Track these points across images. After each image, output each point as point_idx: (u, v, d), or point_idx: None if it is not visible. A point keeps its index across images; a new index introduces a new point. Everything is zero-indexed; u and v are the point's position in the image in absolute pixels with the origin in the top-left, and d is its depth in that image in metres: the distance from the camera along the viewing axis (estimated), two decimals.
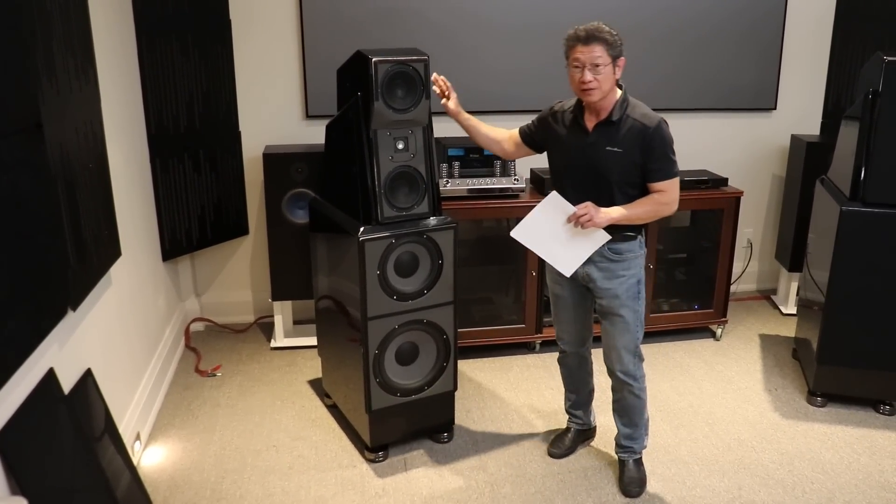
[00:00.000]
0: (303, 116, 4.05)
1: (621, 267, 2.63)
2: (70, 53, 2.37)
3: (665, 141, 2.51)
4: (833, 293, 3.24)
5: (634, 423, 2.81)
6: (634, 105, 2.55)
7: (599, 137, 2.54)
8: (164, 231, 3.65)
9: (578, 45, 2.44)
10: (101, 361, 2.62)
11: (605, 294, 2.65)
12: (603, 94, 2.48)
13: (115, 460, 2.45)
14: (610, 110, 2.53)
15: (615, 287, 2.63)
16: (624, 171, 2.53)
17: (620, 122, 2.52)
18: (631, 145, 2.50)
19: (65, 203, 2.24)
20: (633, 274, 2.65)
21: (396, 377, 2.90)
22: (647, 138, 2.49)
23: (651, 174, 2.54)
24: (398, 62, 2.67)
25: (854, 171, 3.16)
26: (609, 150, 2.52)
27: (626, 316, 2.66)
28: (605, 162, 2.53)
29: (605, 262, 2.62)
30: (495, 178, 3.72)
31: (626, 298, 2.64)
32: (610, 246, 2.59)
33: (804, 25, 4.37)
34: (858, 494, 2.80)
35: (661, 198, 2.56)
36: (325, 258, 3.11)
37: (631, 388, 2.74)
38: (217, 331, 4.17)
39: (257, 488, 2.80)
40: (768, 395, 3.52)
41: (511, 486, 2.83)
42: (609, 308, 2.67)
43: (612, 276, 2.63)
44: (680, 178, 2.58)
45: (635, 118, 2.51)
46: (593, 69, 2.43)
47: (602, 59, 2.42)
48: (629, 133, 2.50)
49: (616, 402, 2.83)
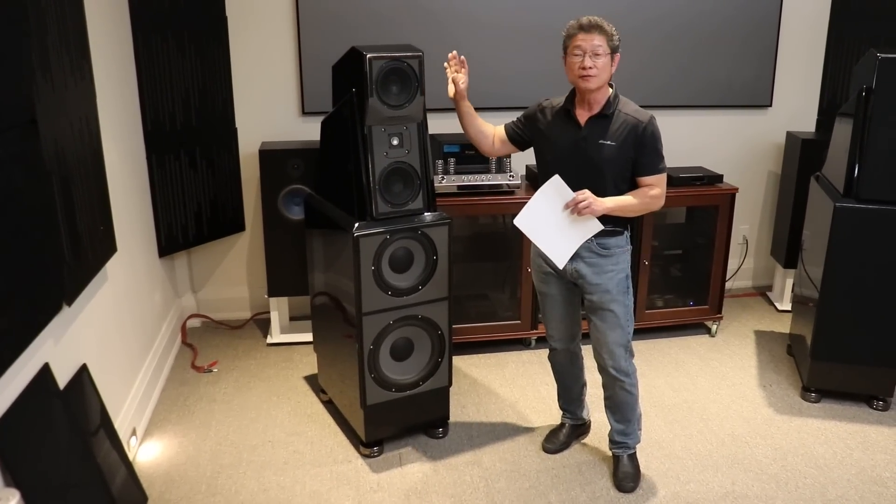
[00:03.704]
0: (299, 113, 4.05)
1: (610, 262, 2.65)
2: (65, 49, 2.37)
3: (656, 136, 2.58)
4: (827, 289, 3.25)
5: (627, 419, 2.83)
6: (625, 101, 2.61)
7: (592, 131, 2.57)
8: (160, 227, 3.65)
9: (580, 33, 2.49)
10: (97, 357, 2.62)
11: (596, 290, 2.67)
12: (600, 84, 2.52)
13: (110, 455, 2.46)
14: (603, 104, 2.57)
15: (605, 282, 2.66)
16: (616, 164, 2.57)
17: (613, 116, 2.56)
18: (624, 139, 2.54)
19: (60, 199, 2.24)
20: (622, 269, 2.68)
21: (391, 373, 2.91)
22: (639, 133, 2.54)
23: (641, 168, 2.58)
24: (393, 58, 2.68)
25: (848, 167, 3.17)
26: (602, 144, 2.56)
27: (617, 311, 2.68)
28: (599, 155, 2.56)
29: (594, 256, 2.64)
30: (490, 174, 3.72)
31: (616, 293, 2.66)
32: (598, 241, 2.61)
33: (799, 23, 4.38)
34: (851, 489, 2.82)
35: (651, 191, 2.60)
36: (321, 254, 3.12)
37: (622, 384, 2.75)
38: (213, 327, 4.18)
39: (253, 483, 2.81)
40: (763, 391, 3.53)
41: (506, 481, 2.84)
42: (599, 303, 2.68)
43: (601, 270, 2.65)
44: (668, 174, 2.63)
45: (628, 113, 2.57)
46: (594, 57, 2.47)
47: (602, 49, 2.47)
48: (622, 127, 2.55)
49: (608, 399, 2.84)
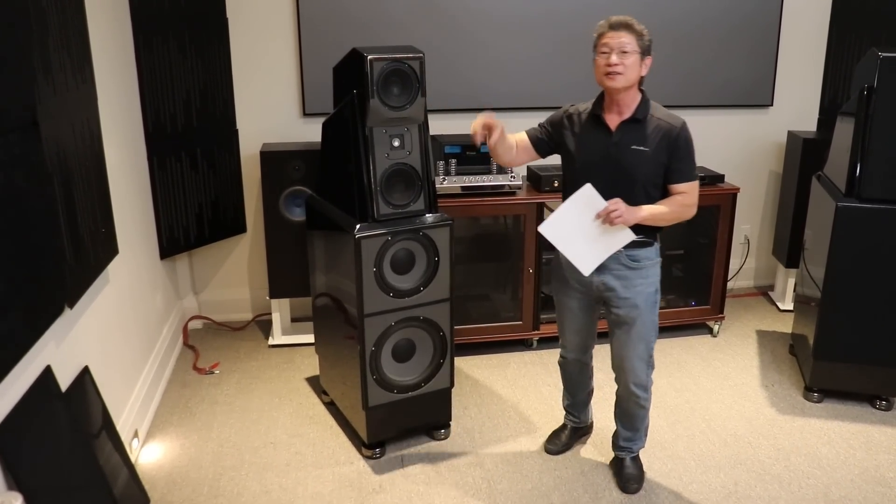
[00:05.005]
0: (300, 114, 4.05)
1: (639, 275, 2.56)
2: (66, 51, 2.37)
3: (690, 142, 2.49)
4: (829, 289, 3.24)
5: (636, 428, 2.80)
6: (656, 106, 2.53)
7: (624, 136, 2.49)
8: (161, 229, 3.65)
9: (608, 31, 2.43)
10: (99, 359, 2.62)
11: (624, 304, 2.58)
12: (626, 83, 2.43)
13: (112, 457, 2.46)
14: (634, 108, 2.49)
15: (634, 297, 2.56)
16: (649, 170, 2.48)
17: (645, 121, 2.48)
18: (657, 144, 2.46)
19: (61, 201, 2.24)
20: (652, 282, 2.59)
21: (393, 374, 2.91)
22: (673, 138, 2.46)
23: (674, 175, 2.49)
24: (394, 59, 2.68)
25: (849, 167, 3.16)
26: (635, 149, 2.47)
27: (643, 325, 2.60)
28: (631, 161, 2.47)
29: (623, 269, 2.55)
30: (492, 175, 3.72)
31: (644, 308, 2.58)
32: (628, 252, 2.52)
33: (800, 22, 4.38)
34: (854, 489, 2.81)
35: (684, 199, 2.51)
36: (322, 256, 3.12)
37: (638, 399, 2.70)
38: (215, 328, 4.18)
39: (255, 485, 2.81)
40: (765, 391, 3.53)
41: (508, 483, 2.84)
42: (626, 318, 2.59)
43: (629, 284, 2.56)
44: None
45: (660, 118, 2.49)
46: (620, 55, 2.39)
47: (630, 47, 2.40)
48: (655, 132, 2.47)
49: (619, 409, 2.80)
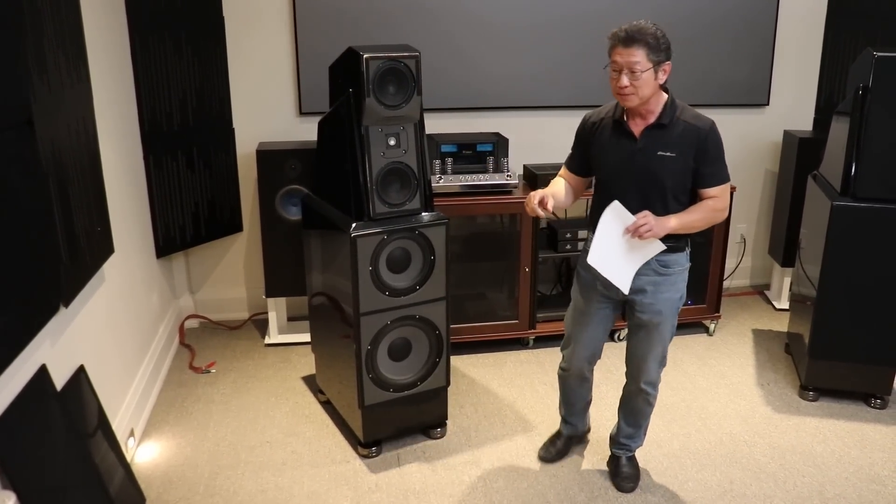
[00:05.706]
0: (296, 113, 4.05)
1: (668, 282, 2.51)
2: (62, 50, 2.36)
3: (719, 144, 2.40)
4: (825, 288, 3.25)
5: (638, 425, 2.80)
6: (683, 108, 2.42)
7: (649, 142, 2.40)
8: (157, 228, 3.65)
9: (618, 46, 2.30)
10: (95, 358, 2.62)
11: (648, 309, 2.54)
12: (641, 100, 2.34)
13: (108, 457, 2.46)
14: (658, 114, 2.40)
15: (659, 303, 2.52)
16: (677, 176, 2.40)
17: (671, 125, 2.38)
18: (685, 149, 2.37)
19: (56, 200, 2.24)
20: (679, 289, 2.55)
21: (389, 373, 2.91)
22: (701, 140, 2.37)
23: (704, 179, 2.41)
24: (389, 58, 2.68)
25: (845, 166, 3.17)
26: (661, 156, 2.38)
27: (664, 330, 2.58)
28: (658, 167, 2.39)
29: (653, 274, 2.50)
30: (488, 174, 3.71)
31: (667, 314, 2.55)
32: (658, 258, 2.46)
33: (796, 21, 4.38)
34: (849, 487, 2.82)
35: (716, 204, 2.42)
36: (318, 254, 3.12)
37: (647, 396, 2.70)
38: (211, 328, 4.17)
39: (251, 484, 2.81)
40: (760, 390, 3.54)
41: (504, 481, 2.84)
42: (648, 323, 2.56)
43: (657, 291, 2.51)
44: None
45: (687, 120, 2.39)
46: (630, 74, 2.29)
47: (640, 65, 2.27)
48: (682, 136, 2.38)
49: (625, 404, 2.79)
